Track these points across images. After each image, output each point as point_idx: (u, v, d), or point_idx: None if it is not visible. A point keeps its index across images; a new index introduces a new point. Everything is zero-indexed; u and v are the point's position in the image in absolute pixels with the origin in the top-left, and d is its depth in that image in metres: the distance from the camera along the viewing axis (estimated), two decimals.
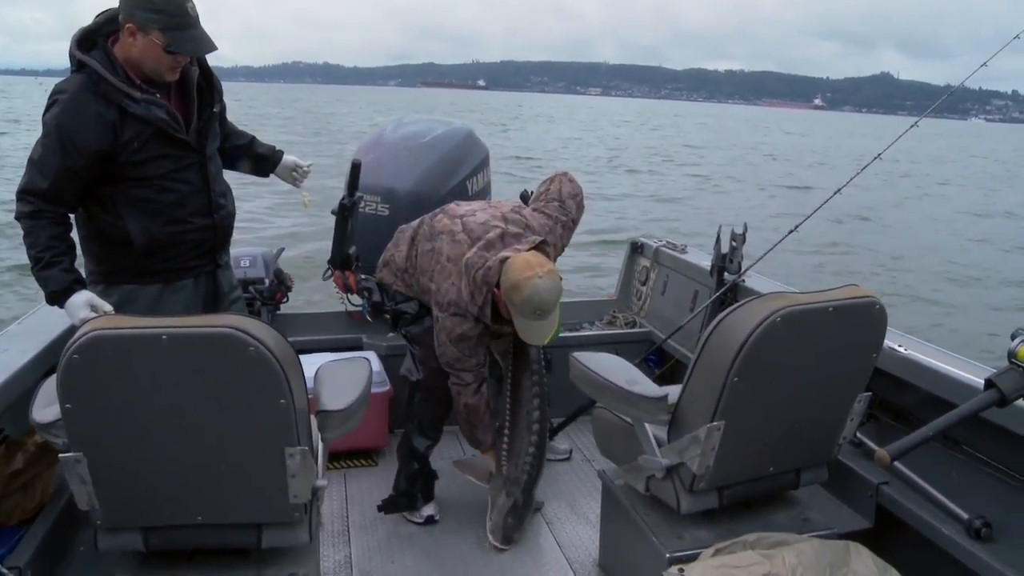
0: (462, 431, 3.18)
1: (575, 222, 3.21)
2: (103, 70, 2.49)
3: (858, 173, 3.50)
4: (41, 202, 2.49)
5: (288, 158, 3.26)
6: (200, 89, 2.75)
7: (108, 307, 2.53)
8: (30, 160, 2.51)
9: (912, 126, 3.76)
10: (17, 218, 2.53)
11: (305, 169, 3.30)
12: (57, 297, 2.51)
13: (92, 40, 2.56)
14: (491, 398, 3.11)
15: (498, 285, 2.79)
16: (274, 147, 3.26)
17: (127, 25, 2.49)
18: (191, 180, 2.70)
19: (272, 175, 3.28)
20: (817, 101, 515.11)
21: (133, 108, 2.51)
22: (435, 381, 3.12)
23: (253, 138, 3.20)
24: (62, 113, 2.47)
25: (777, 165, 30.01)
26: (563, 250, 3.19)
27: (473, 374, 2.98)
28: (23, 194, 2.50)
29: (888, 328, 2.29)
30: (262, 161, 3.22)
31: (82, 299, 2.50)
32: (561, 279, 2.79)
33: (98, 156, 2.50)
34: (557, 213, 3.13)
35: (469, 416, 3.06)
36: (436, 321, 2.96)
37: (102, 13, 2.59)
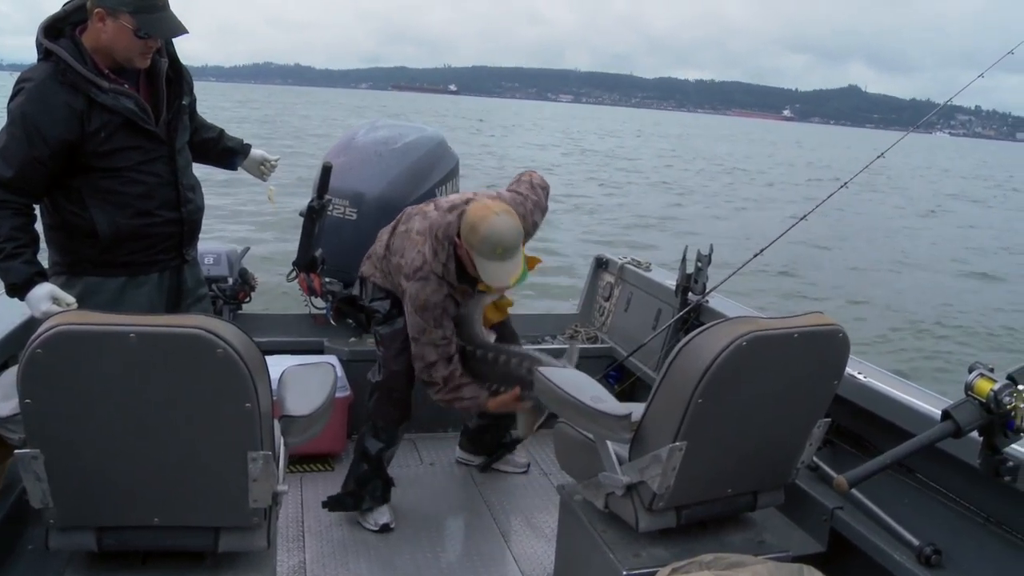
0: (462, 413, 3.17)
1: (545, 209, 3.26)
2: (70, 59, 2.45)
3: (822, 203, 3.58)
4: (5, 192, 2.45)
5: (255, 152, 3.24)
6: (169, 81, 2.72)
7: (71, 299, 2.50)
8: None
9: (879, 156, 3.83)
10: None
11: (272, 163, 3.28)
12: (18, 289, 2.48)
13: (59, 28, 2.53)
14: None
15: (459, 235, 2.82)
16: (242, 140, 3.24)
17: (96, 10, 2.46)
18: (159, 173, 2.67)
19: (240, 168, 3.26)
20: (786, 112, 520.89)
21: (101, 98, 2.48)
22: (394, 383, 3.13)
23: (222, 131, 3.18)
24: (28, 102, 2.44)
25: (750, 182, 30.24)
26: (535, 229, 3.21)
27: (437, 351, 2.94)
28: None
29: (851, 355, 2.34)
30: (230, 154, 3.19)
31: (44, 291, 2.47)
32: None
33: (65, 146, 2.47)
34: (528, 192, 3.19)
35: (451, 391, 3.00)
36: (403, 296, 2.97)
37: (70, 1, 2.56)
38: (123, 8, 2.44)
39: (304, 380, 2.23)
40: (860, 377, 2.80)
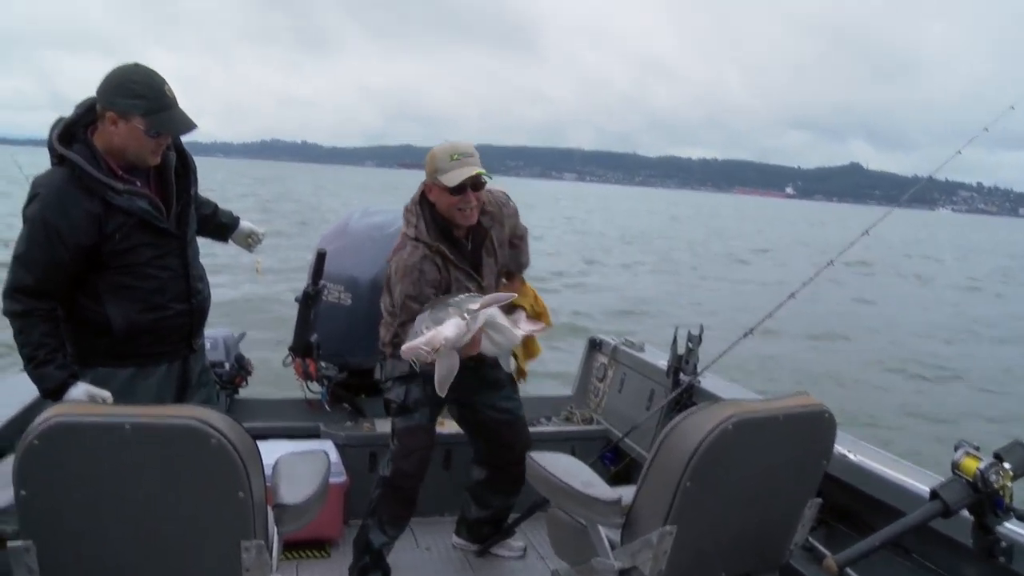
0: (464, 501, 3.38)
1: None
2: (86, 165, 2.50)
3: (811, 279, 3.61)
4: (30, 300, 2.50)
5: (244, 224, 3.28)
6: (176, 173, 2.77)
7: (107, 395, 2.52)
8: (15, 257, 2.51)
9: (863, 234, 3.87)
10: (6, 315, 2.52)
11: (260, 236, 3.31)
12: (53, 394, 2.50)
13: (72, 133, 2.58)
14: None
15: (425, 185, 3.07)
16: (231, 213, 3.28)
17: (108, 114, 2.52)
18: (171, 266, 2.71)
19: (229, 240, 3.29)
20: (789, 190, 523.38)
21: (116, 200, 2.53)
22: (402, 482, 3.16)
23: (216, 206, 3.21)
24: (47, 208, 2.48)
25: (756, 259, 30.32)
26: (517, 229, 3.38)
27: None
28: (12, 292, 2.50)
29: (840, 432, 2.36)
30: (224, 229, 3.24)
31: (79, 392, 2.49)
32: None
33: (84, 250, 2.51)
34: (504, 198, 3.32)
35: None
36: (387, 281, 3.06)
37: (81, 104, 2.62)
38: (134, 111, 2.50)
39: (298, 468, 2.26)
40: (851, 456, 2.82)
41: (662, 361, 4.07)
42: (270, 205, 40.39)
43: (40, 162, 2.65)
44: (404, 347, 2.67)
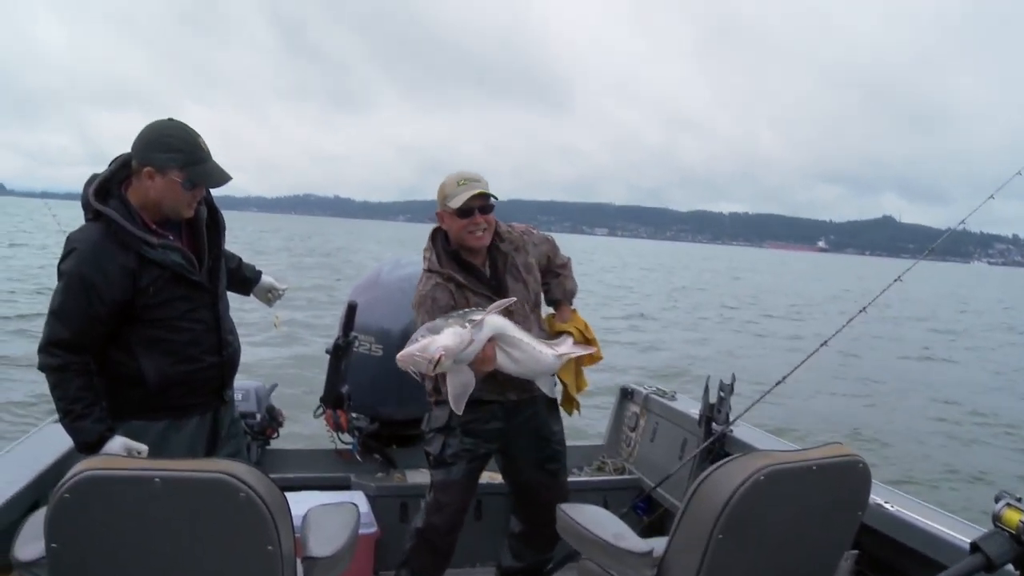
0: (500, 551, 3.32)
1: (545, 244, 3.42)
2: (122, 220, 2.54)
3: (842, 328, 3.59)
4: (67, 354, 2.51)
5: (265, 279, 3.31)
6: (207, 228, 2.81)
7: (143, 448, 2.53)
8: (51, 311, 2.53)
9: (896, 280, 3.85)
10: (42, 369, 2.53)
11: (280, 292, 3.35)
12: (90, 448, 2.51)
13: (107, 189, 2.62)
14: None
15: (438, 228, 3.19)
16: (254, 267, 3.31)
17: (145, 169, 2.56)
18: (204, 319, 2.73)
19: (251, 294, 3.33)
20: (821, 244, 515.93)
21: (151, 254, 2.56)
22: (432, 536, 3.17)
23: (240, 260, 3.25)
24: (83, 263, 2.50)
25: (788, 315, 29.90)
26: (556, 258, 3.42)
27: None
28: (48, 347, 2.51)
29: (876, 483, 2.32)
30: (246, 282, 3.28)
31: (117, 446, 2.50)
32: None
33: (120, 305, 2.54)
34: (528, 228, 3.40)
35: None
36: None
37: (115, 160, 2.67)
38: (172, 164, 2.55)
39: (327, 520, 2.25)
40: (888, 506, 2.77)
41: (694, 410, 4.05)
42: (302, 260, 40.70)
43: (77, 215, 2.68)
44: (399, 355, 2.65)
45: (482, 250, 3.17)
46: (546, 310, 3.45)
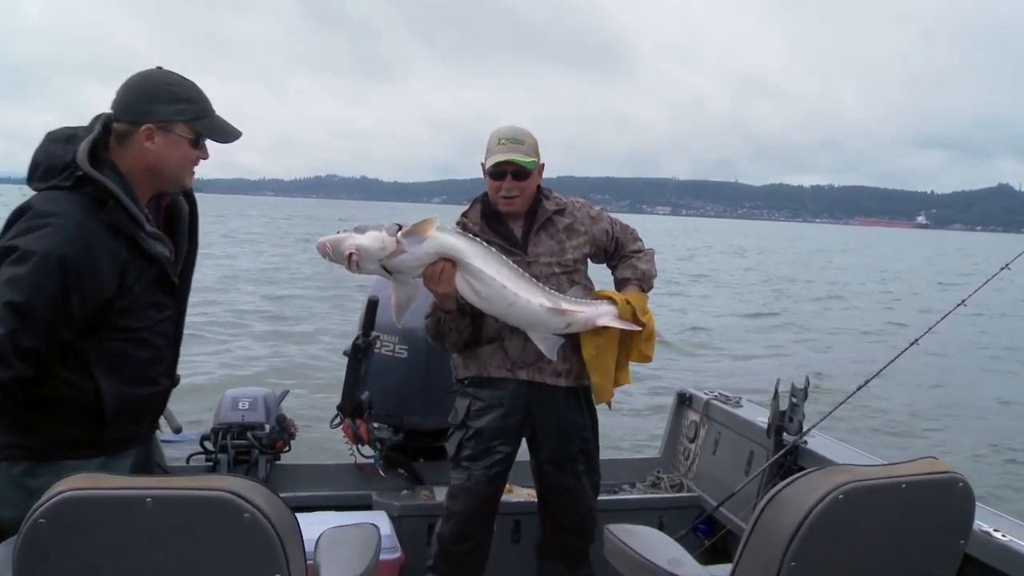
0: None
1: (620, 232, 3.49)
2: (121, 193, 2.25)
3: (938, 322, 3.52)
4: (23, 367, 2.13)
5: None
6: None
7: None
8: (8, 304, 2.09)
9: (1003, 268, 3.78)
10: None
11: None
12: None
13: (96, 153, 2.29)
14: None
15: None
16: None
17: (144, 128, 2.31)
18: (167, 333, 2.50)
19: None
20: (921, 219, 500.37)
21: (145, 244, 2.32)
22: (444, 546, 3.29)
23: None
24: (65, 244, 2.15)
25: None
26: (625, 239, 3.46)
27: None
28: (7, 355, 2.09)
29: (983, 507, 2.25)
30: None
31: None
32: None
33: (99, 305, 2.25)
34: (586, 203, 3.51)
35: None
36: None
37: (96, 119, 2.38)
38: (179, 117, 2.34)
39: (344, 544, 2.24)
40: (997, 535, 2.68)
41: (762, 418, 4.00)
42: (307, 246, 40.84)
43: None
44: (318, 242, 2.93)
45: (519, 215, 3.29)
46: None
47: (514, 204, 3.24)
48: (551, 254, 3.27)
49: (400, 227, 2.90)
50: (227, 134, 2.48)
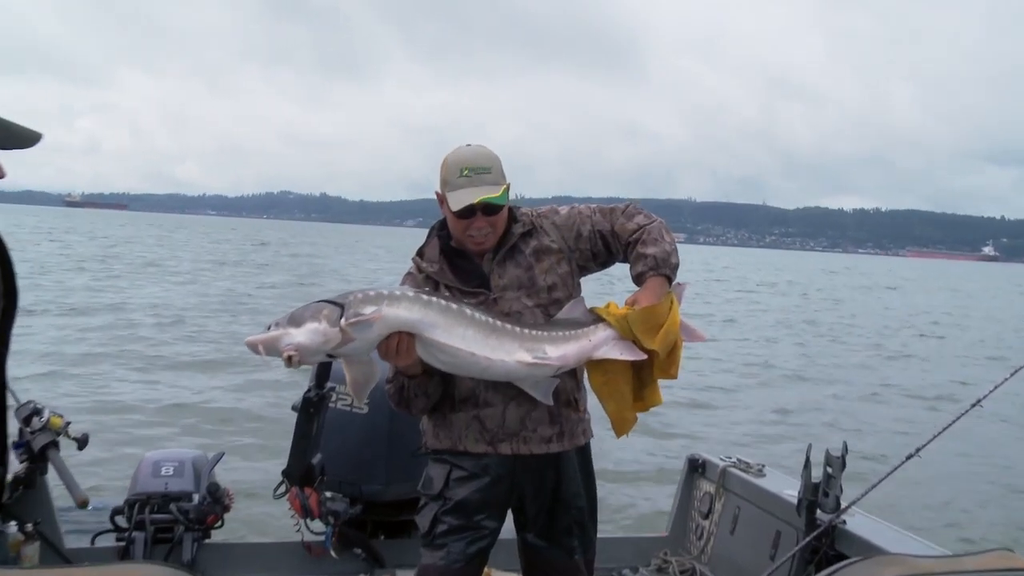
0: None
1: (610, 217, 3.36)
2: None
3: (1000, 384, 3.46)
4: None
5: None
6: None
7: None
8: None
9: None
10: None
11: None
12: None
13: None
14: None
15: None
16: None
17: None
18: None
19: None
20: (987, 249, 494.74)
21: None
22: None
23: None
24: None
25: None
26: (619, 227, 3.31)
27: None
28: None
29: None
30: None
31: None
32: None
33: None
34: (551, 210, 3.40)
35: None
36: None
37: None
38: None
39: None
40: None
41: (790, 491, 3.96)
42: (261, 273, 40.78)
43: None
44: (247, 338, 2.81)
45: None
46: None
47: (487, 242, 3.16)
48: (519, 286, 3.18)
49: (342, 309, 2.82)
50: (21, 139, 2.32)
